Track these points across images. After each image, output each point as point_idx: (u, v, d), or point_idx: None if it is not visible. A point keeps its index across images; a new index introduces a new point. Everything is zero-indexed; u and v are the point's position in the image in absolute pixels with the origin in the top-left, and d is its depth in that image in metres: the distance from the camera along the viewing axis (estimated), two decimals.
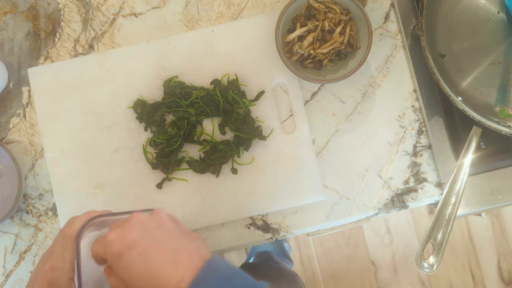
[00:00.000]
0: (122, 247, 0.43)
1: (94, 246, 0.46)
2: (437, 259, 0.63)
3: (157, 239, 0.44)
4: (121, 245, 0.43)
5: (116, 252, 0.43)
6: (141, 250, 0.43)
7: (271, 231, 0.70)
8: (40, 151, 0.70)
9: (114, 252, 0.43)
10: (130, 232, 0.44)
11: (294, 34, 0.66)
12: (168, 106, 0.68)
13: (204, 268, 0.43)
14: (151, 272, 0.42)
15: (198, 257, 0.44)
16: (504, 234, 1.58)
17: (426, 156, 0.70)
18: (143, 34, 0.71)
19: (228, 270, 0.44)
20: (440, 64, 0.68)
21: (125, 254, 0.43)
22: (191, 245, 0.45)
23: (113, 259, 0.44)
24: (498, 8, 0.69)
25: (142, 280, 0.42)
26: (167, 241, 0.44)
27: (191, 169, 0.68)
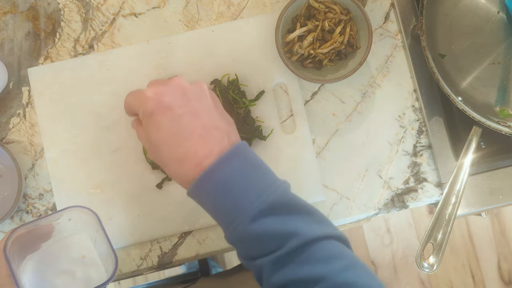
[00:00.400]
0: (156, 106, 0.42)
1: (129, 97, 0.46)
2: (437, 259, 0.63)
3: (192, 109, 0.43)
4: (156, 105, 0.42)
5: (149, 110, 0.43)
6: (174, 115, 0.42)
7: None
8: (40, 151, 0.70)
9: (147, 109, 0.43)
10: (167, 94, 0.43)
11: (294, 34, 0.66)
12: None
13: (230, 151, 0.42)
14: (179, 140, 0.42)
15: (228, 139, 0.43)
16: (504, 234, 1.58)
17: (426, 156, 0.70)
18: (143, 34, 0.71)
19: (254, 160, 0.44)
20: (440, 64, 0.68)
21: (157, 115, 0.42)
22: (224, 127, 0.45)
23: (145, 115, 0.43)
24: (498, 8, 0.69)
25: (167, 144, 0.43)
26: (202, 115, 0.43)
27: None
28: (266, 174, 0.44)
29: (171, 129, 0.42)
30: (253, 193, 0.42)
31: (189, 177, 0.44)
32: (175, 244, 0.69)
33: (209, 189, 0.43)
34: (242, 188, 0.42)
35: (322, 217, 0.46)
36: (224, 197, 0.42)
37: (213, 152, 0.42)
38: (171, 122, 0.42)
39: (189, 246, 0.69)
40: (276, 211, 0.42)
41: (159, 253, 0.69)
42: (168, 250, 0.69)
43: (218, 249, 0.69)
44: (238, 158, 0.43)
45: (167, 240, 0.69)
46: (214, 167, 0.42)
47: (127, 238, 0.68)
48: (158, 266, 0.70)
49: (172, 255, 0.69)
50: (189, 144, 0.42)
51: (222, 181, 0.42)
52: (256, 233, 0.42)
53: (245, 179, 0.42)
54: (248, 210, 0.41)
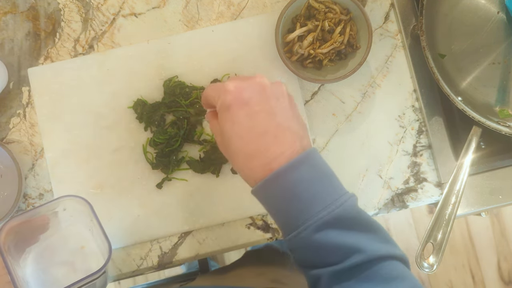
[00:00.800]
0: (235, 100, 0.43)
1: (209, 89, 0.46)
2: (437, 259, 0.63)
3: (270, 108, 0.43)
4: (235, 98, 0.43)
5: (227, 102, 0.43)
6: (252, 111, 0.42)
7: (271, 231, 0.70)
8: (40, 151, 0.70)
9: (226, 102, 0.43)
10: (247, 90, 0.43)
11: (294, 34, 0.66)
12: (168, 106, 0.68)
13: (301, 156, 0.42)
14: (252, 136, 0.42)
15: (300, 143, 0.43)
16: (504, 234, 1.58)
17: (426, 156, 0.70)
18: (143, 34, 0.71)
19: (324, 168, 0.44)
20: (440, 64, 0.68)
21: (235, 108, 0.42)
22: (298, 130, 0.44)
23: (222, 108, 0.43)
24: (498, 8, 0.69)
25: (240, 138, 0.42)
26: (279, 115, 0.43)
27: (191, 169, 0.68)
28: (335, 185, 0.44)
29: (246, 124, 0.42)
30: (320, 203, 0.41)
31: (256, 175, 0.43)
32: (175, 244, 0.69)
33: (275, 191, 0.42)
34: (310, 196, 0.41)
35: (387, 236, 0.45)
36: (290, 202, 0.42)
37: (284, 154, 0.42)
38: (247, 117, 0.42)
39: (189, 246, 0.69)
40: (342, 224, 0.41)
41: (159, 253, 0.69)
42: (168, 250, 0.69)
43: (218, 249, 0.69)
44: (309, 164, 0.42)
45: (167, 240, 0.69)
46: (284, 170, 0.41)
47: (127, 238, 0.68)
48: (158, 266, 0.70)
49: (172, 255, 0.69)
50: (262, 141, 0.42)
51: (290, 186, 0.42)
52: (319, 243, 0.41)
53: (314, 187, 0.42)
54: (313, 219, 0.41)
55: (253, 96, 0.43)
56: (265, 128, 0.42)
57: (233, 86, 0.43)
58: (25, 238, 0.54)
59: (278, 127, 0.43)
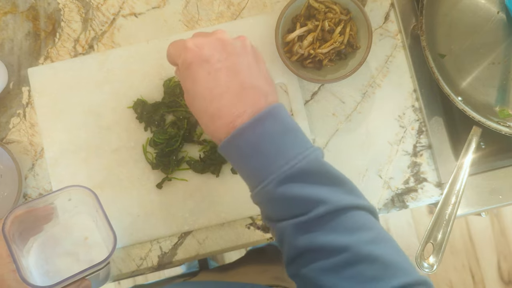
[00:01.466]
0: (195, 57, 0.42)
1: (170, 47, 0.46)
2: (437, 259, 0.63)
3: (231, 65, 0.42)
4: (195, 56, 0.42)
5: (188, 60, 0.42)
6: (212, 69, 0.41)
7: (271, 231, 0.70)
8: (40, 151, 0.70)
9: (186, 60, 0.42)
10: (208, 47, 0.42)
11: (294, 34, 0.66)
12: (168, 106, 0.68)
13: (265, 111, 0.41)
14: (213, 95, 0.41)
15: (265, 100, 0.42)
16: (504, 234, 1.58)
17: (426, 156, 0.70)
18: (143, 34, 0.71)
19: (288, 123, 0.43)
20: (440, 64, 0.68)
21: (195, 66, 0.42)
22: (262, 86, 0.43)
23: (183, 66, 0.43)
24: (498, 8, 0.69)
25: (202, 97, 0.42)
26: (240, 72, 0.42)
27: (191, 169, 0.68)
28: (299, 139, 0.43)
29: (206, 82, 0.42)
30: (283, 157, 0.41)
31: (221, 134, 0.43)
32: (175, 244, 0.69)
33: (239, 147, 0.42)
34: (273, 150, 0.41)
35: (353, 188, 0.45)
36: (253, 158, 0.42)
37: (247, 111, 0.42)
38: (207, 75, 0.42)
39: (189, 246, 0.69)
40: (305, 177, 0.41)
41: (159, 253, 0.69)
42: (168, 250, 0.69)
43: (218, 249, 0.69)
44: (272, 119, 0.42)
45: (167, 240, 0.69)
46: (246, 126, 0.41)
47: (127, 238, 0.68)
48: (158, 266, 0.70)
49: (172, 255, 0.69)
50: (224, 101, 0.41)
51: (253, 141, 0.41)
52: (283, 196, 0.41)
53: (277, 142, 0.41)
54: (276, 173, 0.41)
55: (214, 53, 0.42)
56: (227, 86, 0.42)
57: (192, 43, 0.42)
58: (29, 227, 0.54)
59: (241, 85, 0.42)
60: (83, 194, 0.54)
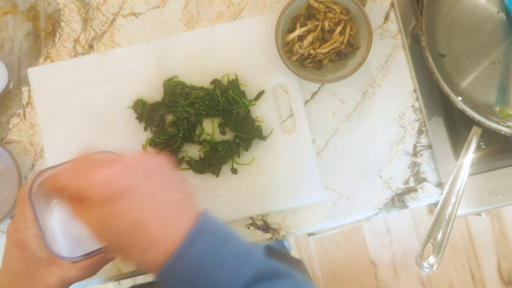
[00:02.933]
0: (113, 191, 0.37)
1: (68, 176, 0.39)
2: (437, 259, 0.63)
3: (151, 190, 0.38)
4: (113, 189, 0.37)
5: (105, 194, 0.37)
6: (136, 199, 0.37)
7: (271, 231, 0.70)
8: (40, 151, 0.70)
9: (103, 194, 0.37)
10: (124, 177, 0.37)
11: (294, 34, 0.66)
12: (168, 106, 0.68)
13: (196, 227, 0.38)
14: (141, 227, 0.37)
15: (190, 213, 0.39)
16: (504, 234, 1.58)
17: (426, 156, 0.70)
18: (143, 34, 0.71)
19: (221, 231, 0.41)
20: (440, 64, 0.68)
21: (116, 200, 0.37)
22: (183, 198, 0.40)
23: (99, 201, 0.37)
24: (498, 8, 0.69)
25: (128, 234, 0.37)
26: (159, 193, 0.38)
27: (191, 169, 0.68)
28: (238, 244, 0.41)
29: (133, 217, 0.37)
30: (231, 269, 0.38)
31: (157, 263, 0.38)
32: None
33: (181, 273, 0.38)
34: (217, 265, 0.38)
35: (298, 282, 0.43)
36: (199, 280, 0.38)
37: (179, 232, 0.38)
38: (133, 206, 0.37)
39: None
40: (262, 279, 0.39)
41: None
42: None
43: None
44: (206, 232, 0.39)
45: None
46: (182, 248, 0.37)
47: None
48: None
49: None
50: (154, 231, 0.37)
51: (194, 262, 0.38)
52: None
53: (218, 254, 0.38)
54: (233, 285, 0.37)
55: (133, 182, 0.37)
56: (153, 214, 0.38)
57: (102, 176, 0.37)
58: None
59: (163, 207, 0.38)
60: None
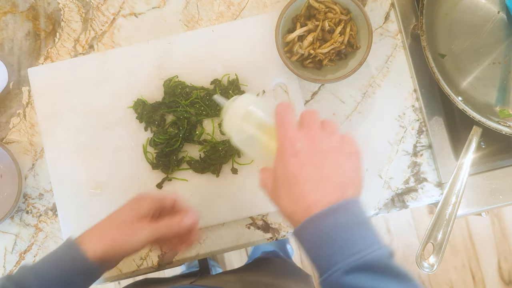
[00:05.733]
0: (287, 150, 0.48)
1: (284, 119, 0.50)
2: (437, 259, 0.63)
3: (318, 161, 0.47)
4: (287, 148, 0.48)
5: (281, 151, 0.48)
6: (301, 161, 0.47)
7: (271, 231, 0.70)
8: (40, 151, 0.70)
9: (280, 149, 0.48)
10: (300, 142, 0.48)
11: (294, 34, 0.66)
12: (168, 106, 0.68)
13: (338, 204, 0.45)
14: (298, 181, 0.47)
15: (341, 194, 0.46)
16: (504, 234, 1.58)
17: (426, 156, 0.70)
18: (143, 34, 0.71)
19: (361, 217, 0.46)
20: (440, 64, 0.68)
21: (286, 156, 0.48)
22: (341, 181, 0.47)
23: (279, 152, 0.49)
24: (498, 8, 0.69)
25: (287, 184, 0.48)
26: (325, 168, 0.47)
27: (191, 169, 0.68)
28: (370, 234, 0.46)
29: (292, 170, 0.47)
30: (351, 249, 0.44)
31: (297, 218, 0.47)
32: None
33: (311, 234, 0.46)
34: (341, 241, 0.44)
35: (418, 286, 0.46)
36: (323, 246, 0.45)
37: (322, 201, 0.45)
38: (295, 166, 0.47)
39: None
40: (372, 270, 0.43)
41: (159, 253, 0.69)
42: (168, 250, 0.69)
43: (218, 249, 0.69)
44: (345, 212, 0.45)
45: None
46: (320, 215, 0.45)
47: None
48: (158, 266, 0.70)
49: (172, 255, 0.69)
50: (303, 188, 0.46)
51: (323, 230, 0.45)
52: (347, 286, 0.43)
53: (346, 233, 0.44)
54: (342, 263, 0.43)
55: (305, 148, 0.48)
56: (308, 177, 0.47)
57: (291, 134, 0.48)
58: None
59: (320, 178, 0.47)
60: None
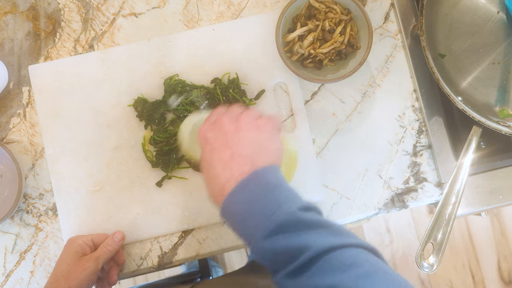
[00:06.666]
0: (202, 139, 0.53)
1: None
2: (437, 259, 0.63)
3: (226, 142, 0.51)
4: (201, 141, 0.54)
5: (200, 140, 0.54)
6: (212, 148, 0.51)
7: None
8: (40, 151, 0.70)
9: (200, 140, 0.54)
10: (210, 132, 0.53)
11: (294, 33, 0.66)
12: (168, 105, 0.68)
13: (248, 175, 0.48)
14: (210, 166, 0.51)
15: (251, 165, 0.49)
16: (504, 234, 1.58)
17: (426, 156, 0.70)
18: (143, 34, 0.71)
19: (271, 182, 0.48)
20: (440, 64, 0.68)
21: (203, 145, 0.53)
22: (252, 154, 0.50)
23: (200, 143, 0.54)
24: (498, 8, 0.69)
25: (203, 168, 0.52)
26: (233, 146, 0.51)
27: (191, 167, 0.68)
28: (281, 195, 0.47)
29: (208, 158, 0.52)
30: (265, 214, 0.46)
31: (218, 201, 0.49)
32: (175, 244, 0.69)
33: (230, 212, 0.48)
34: (256, 210, 0.46)
35: (340, 229, 0.46)
36: (242, 220, 0.47)
37: (234, 176, 0.48)
38: (209, 152, 0.52)
39: (189, 246, 0.69)
40: (287, 228, 0.44)
41: (159, 253, 0.69)
42: (168, 250, 0.69)
43: (218, 249, 0.69)
44: (255, 181, 0.48)
45: (167, 240, 0.69)
46: (232, 193, 0.47)
47: (126, 236, 0.68)
48: (158, 266, 0.70)
49: (172, 255, 0.69)
50: (216, 170, 0.50)
51: (239, 206, 0.47)
52: (270, 249, 0.45)
53: (260, 202, 0.46)
54: (260, 229, 0.45)
55: (214, 136, 0.52)
56: (218, 160, 0.50)
57: (202, 128, 0.54)
58: None
59: (229, 157, 0.50)
60: None
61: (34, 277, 0.70)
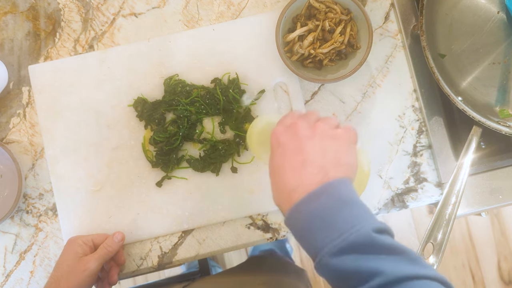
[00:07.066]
0: (273, 145, 0.51)
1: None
2: (437, 259, 0.63)
3: (299, 148, 0.49)
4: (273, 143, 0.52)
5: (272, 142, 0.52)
6: (283, 151, 0.50)
7: (271, 231, 0.70)
8: (40, 151, 0.70)
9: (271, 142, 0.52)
10: (283, 135, 0.51)
11: (294, 33, 0.66)
12: (168, 104, 0.68)
13: (321, 187, 0.45)
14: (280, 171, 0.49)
15: (323, 176, 0.46)
16: (504, 234, 1.58)
17: (426, 156, 0.70)
18: (143, 34, 0.71)
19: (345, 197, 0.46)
20: (440, 64, 0.68)
21: (274, 148, 0.51)
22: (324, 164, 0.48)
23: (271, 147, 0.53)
24: (498, 8, 0.69)
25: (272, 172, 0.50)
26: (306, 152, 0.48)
27: (191, 167, 0.68)
28: (354, 213, 0.45)
29: (277, 161, 0.50)
30: (336, 231, 0.43)
31: (284, 207, 0.48)
32: (175, 244, 0.69)
33: (297, 222, 0.46)
34: (325, 224, 0.44)
35: (416, 258, 0.44)
36: (308, 232, 0.45)
37: (303, 184, 0.46)
38: (280, 156, 0.50)
39: (189, 246, 0.69)
40: (358, 249, 0.42)
41: (159, 253, 0.69)
42: (168, 250, 0.69)
43: (218, 249, 0.69)
44: (327, 195, 0.45)
45: (167, 240, 0.69)
46: (302, 202, 0.45)
47: (126, 236, 0.68)
48: (158, 266, 0.70)
49: (172, 255, 0.69)
50: (285, 175, 0.48)
51: (307, 217, 0.45)
52: (337, 269, 0.43)
53: (330, 217, 0.44)
54: (328, 246, 0.43)
55: (287, 140, 0.50)
56: (289, 165, 0.48)
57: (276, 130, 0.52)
58: None
59: (301, 164, 0.47)
60: None
61: (34, 277, 0.70)
